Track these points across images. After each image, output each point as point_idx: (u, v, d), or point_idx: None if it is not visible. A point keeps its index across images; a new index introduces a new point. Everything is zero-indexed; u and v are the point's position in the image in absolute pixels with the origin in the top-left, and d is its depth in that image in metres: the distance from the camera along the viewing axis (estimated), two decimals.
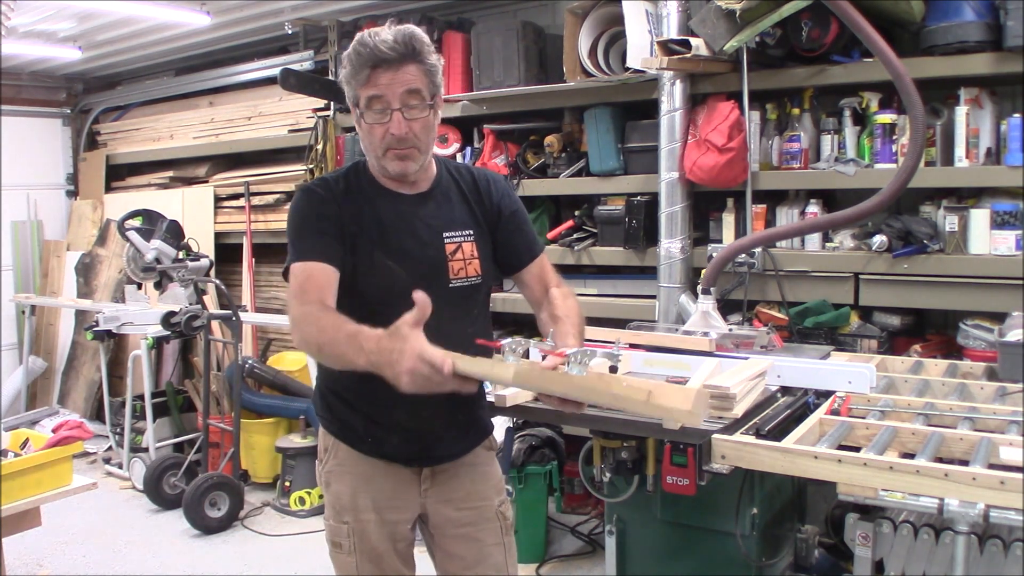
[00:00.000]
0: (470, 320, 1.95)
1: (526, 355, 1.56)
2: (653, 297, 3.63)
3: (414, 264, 1.85)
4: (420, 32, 1.78)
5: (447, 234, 1.90)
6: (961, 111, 3.04)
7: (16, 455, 2.68)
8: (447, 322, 1.86)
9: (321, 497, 4.37)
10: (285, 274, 1.84)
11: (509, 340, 1.54)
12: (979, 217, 3.03)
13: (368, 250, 1.84)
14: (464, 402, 1.95)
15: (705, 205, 3.64)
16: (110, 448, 5.29)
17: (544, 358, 1.64)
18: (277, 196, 5.32)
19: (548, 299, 1.97)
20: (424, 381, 1.45)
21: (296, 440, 4.49)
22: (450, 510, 1.98)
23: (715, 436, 2.13)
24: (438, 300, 1.80)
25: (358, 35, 1.77)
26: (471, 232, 1.93)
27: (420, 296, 1.49)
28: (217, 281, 4.66)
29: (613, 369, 1.55)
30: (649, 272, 3.68)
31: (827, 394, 2.51)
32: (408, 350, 1.45)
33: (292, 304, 1.77)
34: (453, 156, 4.37)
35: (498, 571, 2.01)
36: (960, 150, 3.04)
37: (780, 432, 2.19)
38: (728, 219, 3.54)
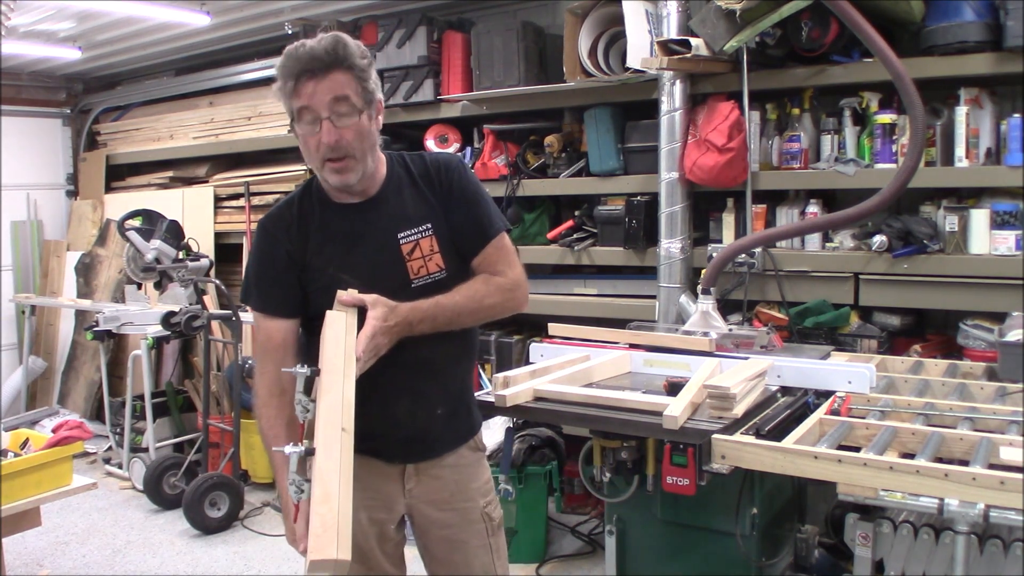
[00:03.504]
0: None
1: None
2: (653, 297, 3.63)
3: (369, 273, 1.85)
4: (347, 38, 1.76)
5: (402, 234, 1.87)
6: (961, 111, 3.04)
7: (16, 455, 2.69)
8: None
9: None
10: (243, 301, 1.99)
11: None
12: (979, 217, 3.03)
13: (322, 269, 1.86)
14: (443, 397, 1.96)
15: (705, 205, 3.64)
16: (110, 448, 5.29)
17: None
18: (277, 196, 5.31)
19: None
20: None
21: None
22: (433, 511, 1.97)
23: (715, 436, 2.12)
24: (404, 302, 1.80)
25: (287, 48, 1.76)
26: (428, 226, 1.88)
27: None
28: (217, 281, 4.66)
29: (309, 454, 1.54)
30: (649, 272, 3.68)
31: (827, 394, 2.51)
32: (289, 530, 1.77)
33: (255, 361, 1.96)
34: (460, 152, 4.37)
35: (485, 571, 2.01)
36: (960, 150, 3.04)
37: (780, 432, 2.19)
38: (728, 219, 3.54)
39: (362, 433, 1.70)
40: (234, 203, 5.59)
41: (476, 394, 2.54)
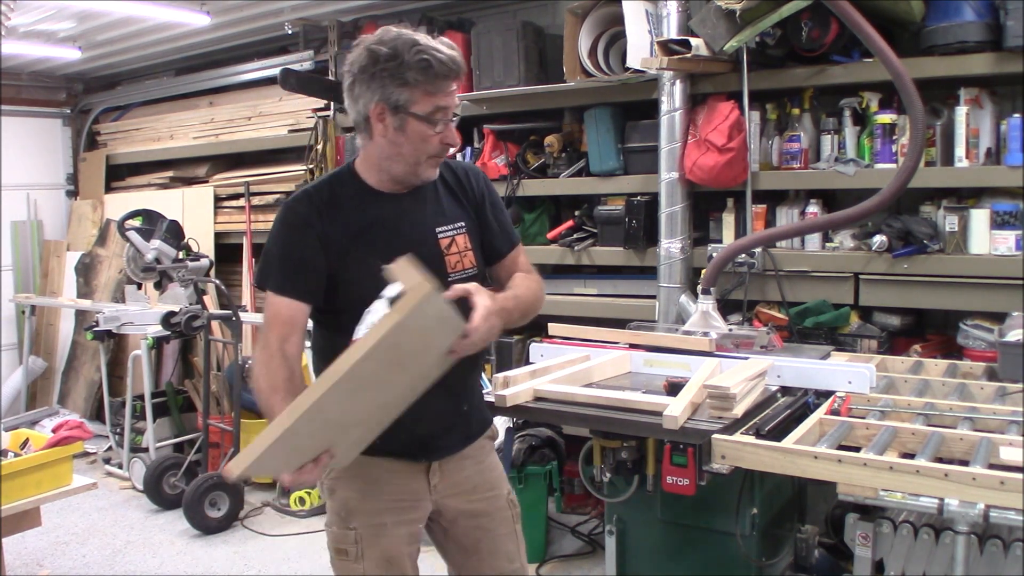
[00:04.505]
0: None
1: None
2: (653, 297, 3.63)
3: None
4: None
5: (440, 229, 1.92)
6: (961, 111, 3.04)
7: (16, 455, 2.69)
8: None
9: (321, 497, 4.39)
10: (259, 285, 1.92)
11: None
12: (979, 217, 3.03)
13: (362, 256, 1.84)
14: (468, 392, 2.00)
15: (705, 205, 3.64)
16: (110, 448, 5.29)
17: None
18: (277, 196, 5.32)
19: (510, 284, 2.00)
20: None
21: None
22: (462, 503, 2.00)
23: (715, 436, 2.12)
24: None
25: (412, 39, 1.77)
26: (463, 224, 1.95)
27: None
28: (217, 281, 4.66)
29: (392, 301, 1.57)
30: (649, 272, 3.68)
31: (827, 394, 2.51)
32: None
33: (260, 338, 1.89)
34: (453, 156, 4.37)
35: (511, 560, 2.03)
36: (960, 150, 3.04)
37: (780, 432, 2.19)
38: (728, 219, 3.54)
39: (390, 433, 1.73)
40: (234, 203, 5.59)
41: None
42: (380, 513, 1.92)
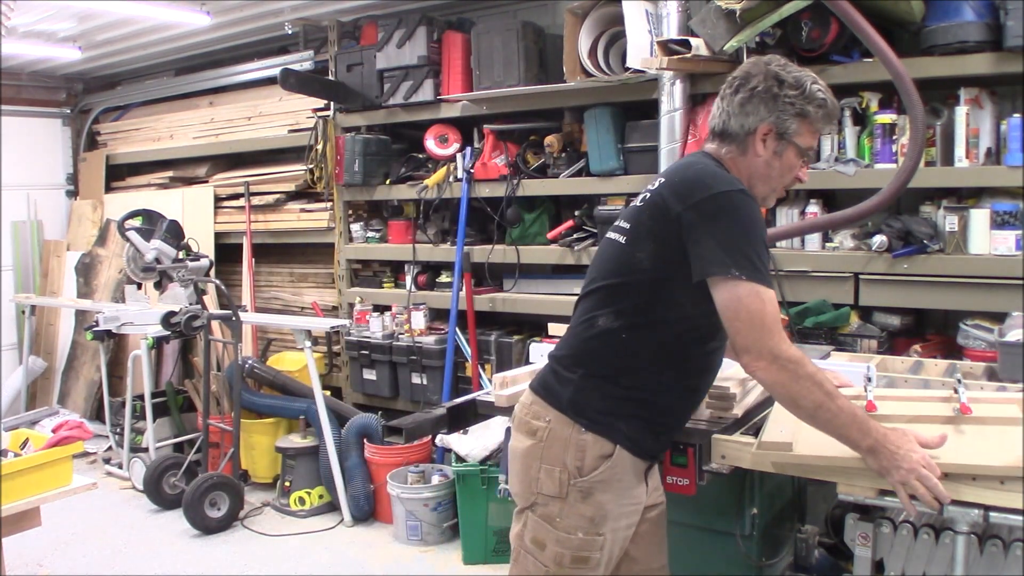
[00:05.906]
0: None
1: None
2: None
3: None
4: None
5: None
6: (961, 111, 3.04)
7: (16, 455, 2.68)
8: None
9: (321, 497, 4.38)
10: (753, 271, 1.71)
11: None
12: (979, 217, 3.03)
13: None
14: None
15: None
16: (110, 448, 5.29)
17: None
18: (277, 196, 5.32)
19: None
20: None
21: (296, 440, 4.48)
22: (650, 500, 2.06)
23: (715, 436, 2.12)
24: None
25: (810, 74, 1.91)
26: None
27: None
28: (217, 281, 4.66)
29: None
30: None
31: None
32: (915, 460, 1.72)
33: (769, 335, 1.72)
34: (453, 156, 4.37)
35: (665, 547, 2.18)
36: (960, 150, 3.05)
37: None
38: None
39: (665, 438, 1.97)
40: (234, 203, 5.59)
41: (476, 394, 2.55)
42: (622, 517, 1.93)
